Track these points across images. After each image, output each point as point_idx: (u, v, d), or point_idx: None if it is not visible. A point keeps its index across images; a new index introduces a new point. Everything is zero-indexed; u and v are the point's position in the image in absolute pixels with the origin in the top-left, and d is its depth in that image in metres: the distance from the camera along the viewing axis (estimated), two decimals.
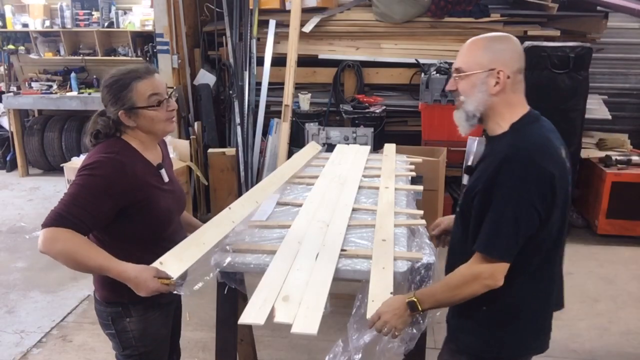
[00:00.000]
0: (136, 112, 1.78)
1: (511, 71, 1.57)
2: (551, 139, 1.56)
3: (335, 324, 2.68)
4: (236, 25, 5.26)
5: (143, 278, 1.64)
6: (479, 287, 1.51)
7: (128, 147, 1.82)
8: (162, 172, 1.90)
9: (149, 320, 1.90)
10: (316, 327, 1.60)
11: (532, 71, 4.66)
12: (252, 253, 2.06)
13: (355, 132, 4.77)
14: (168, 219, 1.90)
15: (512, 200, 1.45)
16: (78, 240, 1.64)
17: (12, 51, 6.71)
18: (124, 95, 1.76)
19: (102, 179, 1.69)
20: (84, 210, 1.66)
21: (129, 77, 1.77)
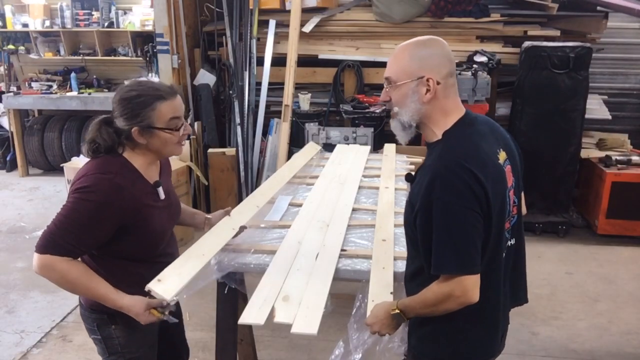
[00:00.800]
0: (151, 132, 1.72)
1: (441, 77, 1.50)
2: (481, 146, 1.49)
3: (335, 324, 2.68)
4: (236, 25, 5.26)
5: (134, 312, 1.68)
6: (454, 305, 1.46)
7: (128, 166, 1.76)
8: (159, 190, 1.85)
9: (135, 327, 1.83)
10: (316, 327, 1.60)
11: (532, 71, 4.67)
12: (252, 253, 2.07)
13: (355, 132, 4.77)
14: (161, 237, 1.87)
15: (451, 213, 1.41)
16: (76, 271, 1.66)
17: (12, 51, 6.71)
18: (144, 113, 1.69)
19: (98, 204, 1.65)
20: (79, 236, 1.64)
21: (152, 96, 1.71)
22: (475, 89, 4.52)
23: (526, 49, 4.70)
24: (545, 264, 4.26)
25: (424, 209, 1.45)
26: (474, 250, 1.43)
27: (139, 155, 1.78)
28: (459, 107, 1.57)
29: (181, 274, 1.79)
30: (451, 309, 1.47)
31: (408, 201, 1.57)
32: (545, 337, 3.29)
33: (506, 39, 5.24)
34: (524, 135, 4.75)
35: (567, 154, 4.73)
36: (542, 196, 4.82)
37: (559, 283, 3.96)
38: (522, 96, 4.76)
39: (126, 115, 1.70)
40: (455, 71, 1.55)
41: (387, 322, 1.60)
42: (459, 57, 5.11)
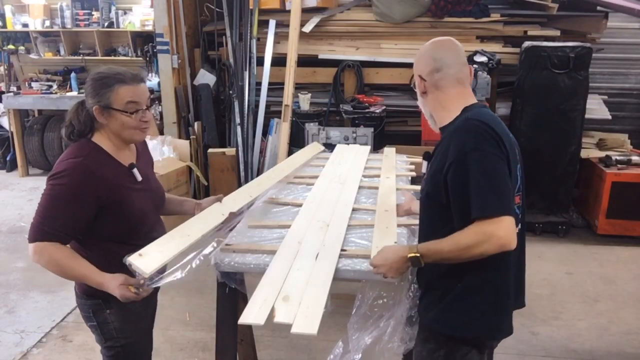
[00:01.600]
0: (109, 112, 1.81)
1: (425, 74, 1.75)
2: (496, 118, 1.68)
3: (335, 324, 2.68)
4: (236, 25, 5.26)
5: (112, 285, 1.73)
6: (492, 247, 1.49)
7: (97, 149, 1.84)
8: (134, 172, 1.92)
9: (128, 312, 1.92)
10: (316, 327, 1.60)
11: (532, 71, 4.67)
12: (252, 253, 2.07)
13: (355, 132, 4.77)
14: (142, 218, 1.92)
15: (487, 161, 1.53)
16: (61, 254, 1.75)
17: (12, 51, 6.71)
18: (104, 93, 1.80)
19: (70, 187, 1.74)
20: (61, 221, 1.74)
21: (114, 79, 1.81)
22: (475, 89, 4.52)
23: (526, 49, 4.70)
24: (545, 264, 4.26)
25: (457, 162, 1.55)
26: (510, 194, 1.54)
27: (106, 139, 1.87)
28: (462, 97, 1.73)
29: (163, 251, 1.81)
30: (489, 252, 1.49)
31: (429, 175, 1.70)
32: (545, 337, 3.29)
33: (506, 39, 5.24)
34: (524, 135, 4.75)
35: (567, 154, 4.73)
36: (542, 196, 4.82)
37: (559, 283, 3.96)
38: (522, 96, 4.77)
39: (91, 94, 1.82)
40: (443, 67, 1.72)
41: (397, 265, 1.65)
42: None
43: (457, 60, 1.75)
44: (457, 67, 1.74)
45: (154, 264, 1.73)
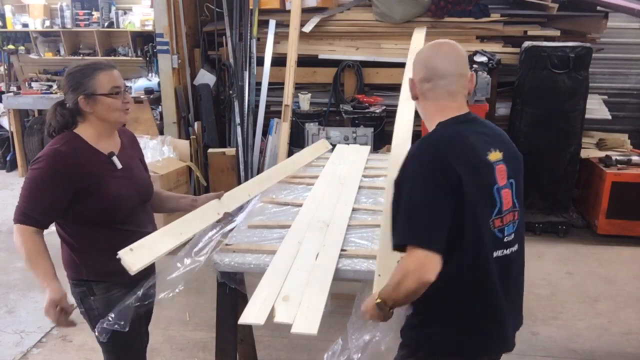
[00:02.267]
0: (95, 99, 1.89)
1: (417, 80, 1.68)
2: (464, 136, 1.56)
3: (335, 324, 2.68)
4: (236, 25, 5.26)
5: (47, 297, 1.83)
6: (412, 283, 1.43)
7: (75, 138, 1.93)
8: (114, 160, 1.99)
9: (112, 299, 1.97)
10: (316, 327, 1.60)
11: (532, 71, 4.67)
12: (252, 253, 2.07)
13: (355, 132, 4.76)
14: (119, 202, 1.97)
15: (415, 187, 1.47)
16: (32, 243, 1.86)
17: (12, 51, 6.71)
18: (86, 82, 1.89)
19: (45, 171, 1.85)
20: (39, 204, 1.86)
21: (92, 67, 1.92)
22: (475, 89, 4.51)
23: (526, 49, 4.70)
24: (545, 264, 4.25)
25: (394, 185, 1.54)
26: (433, 226, 1.44)
27: (89, 129, 1.95)
28: (444, 111, 1.64)
29: (153, 249, 1.84)
30: (412, 289, 1.44)
31: None
32: (545, 337, 3.29)
33: (506, 39, 5.24)
34: (524, 135, 4.75)
35: (567, 154, 4.73)
36: (542, 196, 4.82)
37: (559, 283, 3.96)
38: (522, 96, 4.76)
39: (72, 88, 1.90)
40: (434, 77, 1.63)
41: (374, 312, 1.59)
42: None
43: (452, 71, 1.63)
44: (451, 78, 1.63)
45: (143, 261, 1.78)
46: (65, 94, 1.93)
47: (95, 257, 1.95)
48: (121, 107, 1.95)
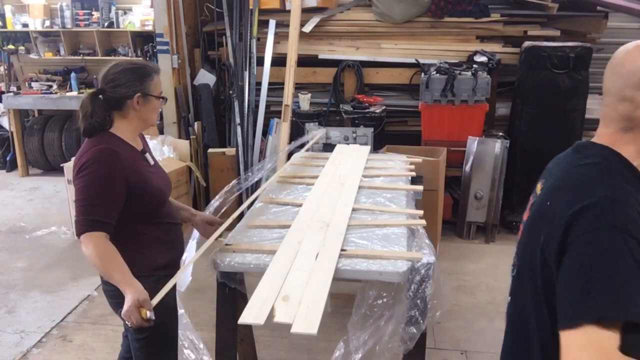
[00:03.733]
0: (148, 99, 1.97)
1: None
2: None
3: (335, 324, 2.69)
4: (236, 25, 5.26)
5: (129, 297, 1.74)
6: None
7: (113, 137, 1.95)
8: (146, 156, 2.06)
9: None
10: (316, 327, 1.60)
11: (532, 71, 4.67)
12: (252, 253, 2.07)
13: (355, 132, 4.76)
14: (162, 197, 2.05)
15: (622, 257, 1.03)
16: (104, 248, 1.80)
17: (12, 51, 6.70)
18: (145, 81, 1.95)
19: (103, 171, 1.83)
20: (102, 207, 1.82)
21: (150, 68, 2.00)
22: (475, 89, 4.52)
23: (526, 49, 4.70)
24: None
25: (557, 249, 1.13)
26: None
27: (124, 125, 1.98)
28: None
29: None
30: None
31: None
32: None
33: (506, 39, 5.24)
34: (524, 135, 4.75)
35: None
36: None
37: None
38: (522, 96, 4.76)
39: (129, 83, 1.93)
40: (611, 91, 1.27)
41: None
42: (459, 57, 5.11)
43: None
44: None
45: None
46: (114, 87, 1.92)
47: (144, 252, 1.97)
48: (158, 111, 2.06)
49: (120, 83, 1.92)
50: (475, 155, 4.62)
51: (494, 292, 3.81)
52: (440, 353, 3.11)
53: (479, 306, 3.63)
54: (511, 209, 4.88)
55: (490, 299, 3.72)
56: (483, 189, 4.66)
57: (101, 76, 1.97)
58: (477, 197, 4.68)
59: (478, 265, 4.24)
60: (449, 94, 4.56)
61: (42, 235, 4.88)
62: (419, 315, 1.94)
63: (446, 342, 3.21)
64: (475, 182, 4.67)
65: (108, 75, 1.95)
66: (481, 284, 3.92)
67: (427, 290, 1.94)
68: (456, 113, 4.61)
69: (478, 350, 3.14)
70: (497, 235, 4.75)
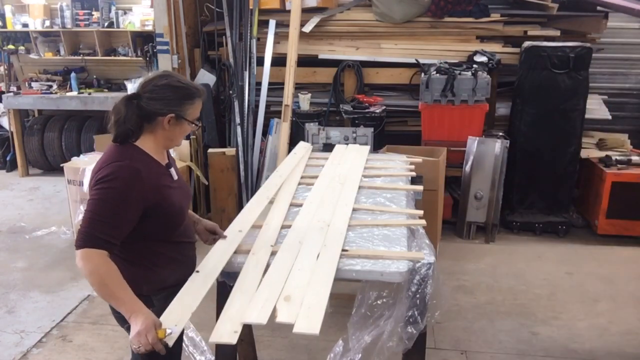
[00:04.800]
0: (180, 122, 1.86)
1: None
2: None
3: (335, 324, 2.69)
4: (236, 25, 5.26)
5: (138, 322, 1.62)
6: None
7: (140, 152, 1.84)
8: (171, 171, 1.95)
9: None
10: (318, 327, 1.60)
11: (532, 71, 4.67)
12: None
13: (355, 132, 4.76)
14: (181, 214, 1.95)
15: None
16: (107, 268, 1.68)
17: (12, 51, 6.70)
18: (185, 103, 1.84)
19: (120, 190, 1.72)
20: (111, 225, 1.70)
21: (195, 92, 1.88)
22: (475, 89, 4.52)
23: (526, 49, 4.70)
24: (545, 264, 4.25)
25: None
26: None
27: (150, 140, 1.87)
28: None
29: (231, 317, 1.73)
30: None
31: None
32: (545, 337, 3.29)
33: (506, 39, 5.24)
34: (524, 135, 4.76)
35: (567, 154, 4.73)
36: (542, 196, 4.82)
37: (559, 283, 3.96)
38: (522, 96, 4.77)
39: (166, 101, 1.82)
40: None
41: None
42: (459, 57, 5.11)
43: None
44: None
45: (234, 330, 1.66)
46: (150, 99, 1.81)
47: (157, 270, 1.89)
48: (187, 134, 1.95)
49: (159, 97, 1.82)
50: (475, 155, 4.62)
51: (494, 292, 3.81)
52: (440, 353, 3.11)
53: (479, 306, 3.63)
54: (511, 209, 4.88)
55: (490, 299, 3.72)
56: (483, 189, 4.66)
57: (142, 81, 1.86)
58: (477, 197, 4.68)
59: (478, 265, 4.24)
60: (449, 94, 4.56)
61: (42, 235, 4.88)
62: (418, 315, 1.94)
63: (446, 342, 3.21)
64: (475, 182, 4.67)
65: (149, 85, 1.84)
66: (481, 284, 3.92)
67: (427, 290, 1.94)
68: (456, 113, 4.61)
69: (478, 350, 3.14)
70: (497, 235, 4.75)
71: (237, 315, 1.69)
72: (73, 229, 4.79)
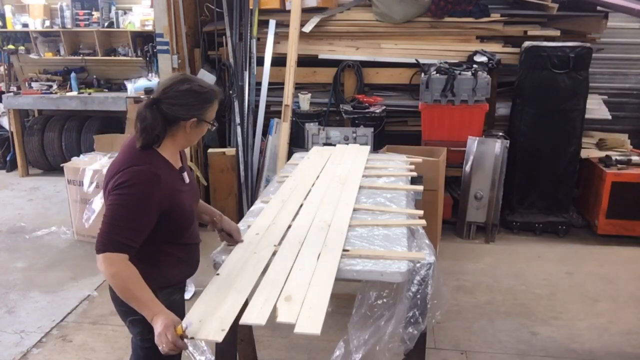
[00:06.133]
0: (201, 125, 1.90)
1: None
2: None
3: (335, 324, 2.68)
4: (236, 25, 5.26)
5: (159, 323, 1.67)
6: None
7: (157, 156, 1.87)
8: (184, 175, 1.98)
9: (173, 303, 1.96)
10: (319, 327, 1.60)
11: (532, 71, 4.67)
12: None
13: (355, 132, 4.77)
14: (191, 217, 1.99)
15: None
16: (129, 272, 1.73)
17: (12, 51, 6.70)
18: (206, 107, 1.88)
19: (141, 195, 1.76)
20: (131, 230, 1.75)
21: (214, 95, 1.91)
22: (475, 89, 4.52)
23: (526, 49, 4.70)
24: (545, 264, 4.26)
25: None
26: None
27: (170, 143, 1.89)
28: None
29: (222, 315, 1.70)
30: None
31: None
32: (545, 337, 3.29)
33: (506, 39, 5.24)
34: (524, 135, 4.76)
35: (567, 154, 4.73)
36: (542, 196, 4.82)
37: (559, 283, 3.96)
38: (522, 96, 4.77)
39: (190, 107, 1.85)
40: None
41: None
42: (459, 57, 5.11)
43: None
44: None
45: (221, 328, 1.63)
46: (172, 105, 1.83)
47: (163, 269, 1.93)
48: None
49: (182, 103, 1.84)
50: (475, 155, 4.62)
51: (494, 292, 3.81)
52: (440, 353, 3.11)
53: (479, 306, 3.63)
54: (511, 209, 4.88)
55: (490, 299, 3.72)
56: (483, 189, 4.66)
57: (161, 87, 1.88)
58: (477, 197, 4.69)
59: (478, 265, 4.24)
60: (449, 94, 4.56)
61: (42, 235, 4.88)
62: (419, 315, 1.94)
63: (446, 342, 3.22)
64: (475, 182, 4.67)
65: (171, 90, 1.85)
66: (481, 284, 3.92)
67: (427, 290, 1.95)
68: (456, 113, 4.61)
69: (478, 350, 3.14)
70: (497, 235, 4.75)
71: (228, 314, 1.68)
72: (73, 229, 4.79)
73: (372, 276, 1.92)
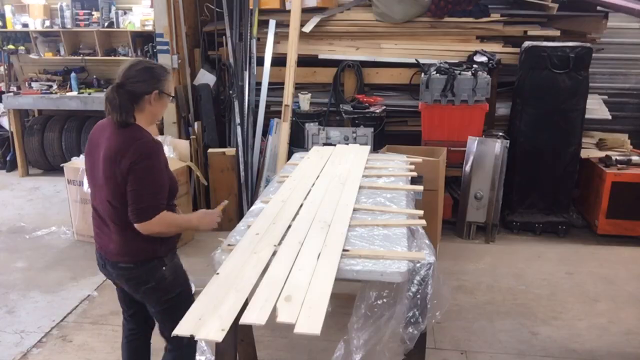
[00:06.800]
0: (162, 97, 2.16)
1: None
2: None
3: (335, 324, 2.68)
4: (236, 25, 5.26)
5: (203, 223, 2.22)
6: None
7: (145, 130, 2.13)
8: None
9: (177, 263, 2.26)
10: (319, 327, 1.60)
11: (532, 71, 4.67)
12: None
13: (355, 132, 4.77)
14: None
15: None
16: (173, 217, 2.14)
17: (12, 51, 6.70)
18: (163, 80, 2.14)
19: (158, 161, 2.06)
20: (163, 191, 2.08)
21: (165, 69, 2.19)
22: (475, 89, 4.52)
23: (526, 49, 4.70)
24: (545, 264, 4.26)
25: None
26: None
27: (142, 118, 2.15)
28: None
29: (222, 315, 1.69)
30: None
31: None
32: (545, 337, 3.29)
33: (506, 39, 5.24)
34: (524, 135, 4.76)
35: (567, 154, 4.73)
36: (542, 196, 4.82)
37: (559, 283, 3.97)
38: (522, 96, 4.77)
39: (149, 81, 2.11)
40: None
41: None
42: (459, 57, 5.11)
43: None
44: None
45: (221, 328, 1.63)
46: (133, 84, 2.08)
47: None
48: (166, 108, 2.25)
49: (142, 80, 2.09)
50: (475, 155, 4.62)
51: (494, 292, 3.81)
52: (440, 353, 3.11)
53: (479, 306, 3.63)
54: (511, 209, 4.88)
55: (490, 299, 3.72)
56: (483, 189, 4.66)
57: (122, 72, 2.11)
58: (477, 197, 4.69)
59: (478, 265, 4.24)
60: (449, 94, 4.56)
61: (42, 235, 4.88)
62: (419, 315, 1.94)
63: (446, 342, 3.22)
64: (475, 182, 4.67)
65: (130, 72, 2.10)
66: (481, 284, 3.92)
67: (427, 290, 1.95)
68: (456, 113, 4.61)
69: (478, 350, 3.14)
70: (497, 235, 4.75)
71: (228, 314, 1.68)
72: (73, 229, 4.79)
73: (372, 276, 1.92)
